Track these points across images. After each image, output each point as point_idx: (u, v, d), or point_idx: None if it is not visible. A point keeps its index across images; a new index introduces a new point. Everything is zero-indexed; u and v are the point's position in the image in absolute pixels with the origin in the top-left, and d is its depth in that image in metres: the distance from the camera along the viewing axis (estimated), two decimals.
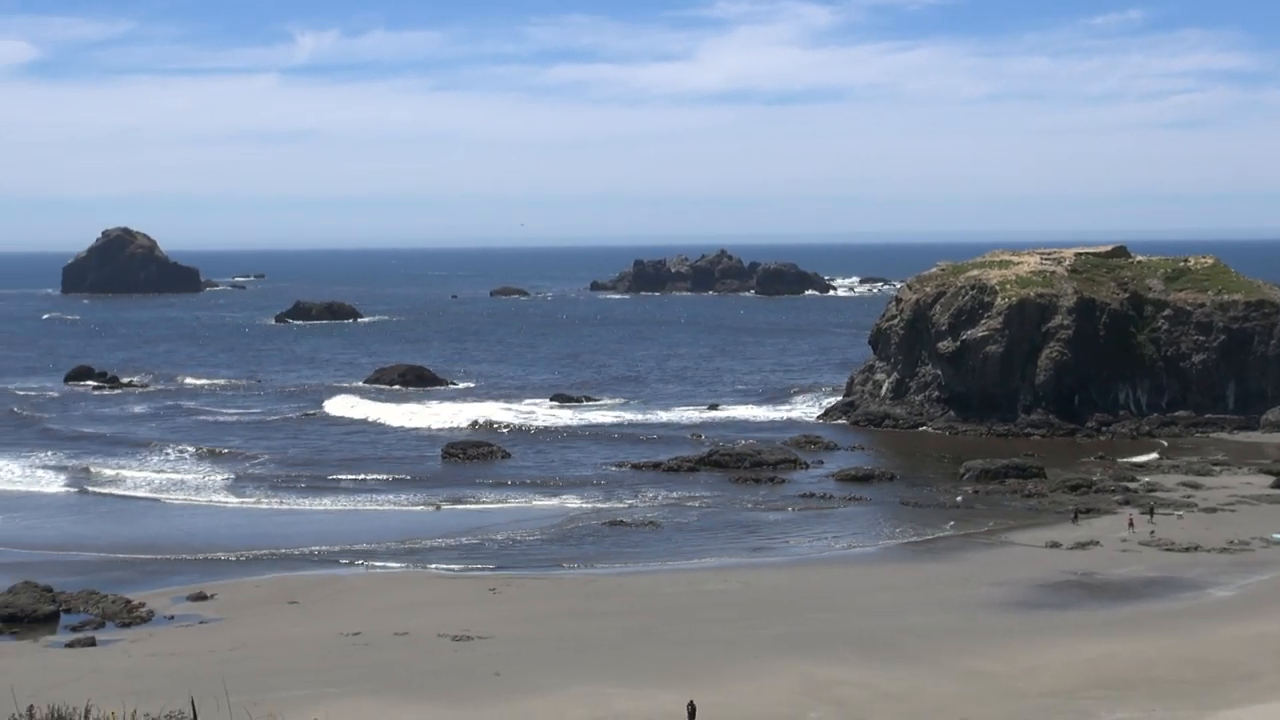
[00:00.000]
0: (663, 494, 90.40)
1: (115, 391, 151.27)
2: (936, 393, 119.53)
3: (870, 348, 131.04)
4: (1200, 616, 58.57)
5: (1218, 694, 46.20)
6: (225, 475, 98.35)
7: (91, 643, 56.50)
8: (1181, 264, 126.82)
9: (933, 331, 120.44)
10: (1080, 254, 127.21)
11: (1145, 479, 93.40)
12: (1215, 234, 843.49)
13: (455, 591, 65.20)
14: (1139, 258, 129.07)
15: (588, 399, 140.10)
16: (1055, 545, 74.00)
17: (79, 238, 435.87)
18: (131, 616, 60.46)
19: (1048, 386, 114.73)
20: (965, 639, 54.24)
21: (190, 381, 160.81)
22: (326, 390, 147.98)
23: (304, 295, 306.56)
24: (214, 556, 73.18)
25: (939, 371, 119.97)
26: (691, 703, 43.20)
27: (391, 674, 49.89)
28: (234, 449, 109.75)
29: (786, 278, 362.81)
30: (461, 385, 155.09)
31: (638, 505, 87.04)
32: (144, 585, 66.53)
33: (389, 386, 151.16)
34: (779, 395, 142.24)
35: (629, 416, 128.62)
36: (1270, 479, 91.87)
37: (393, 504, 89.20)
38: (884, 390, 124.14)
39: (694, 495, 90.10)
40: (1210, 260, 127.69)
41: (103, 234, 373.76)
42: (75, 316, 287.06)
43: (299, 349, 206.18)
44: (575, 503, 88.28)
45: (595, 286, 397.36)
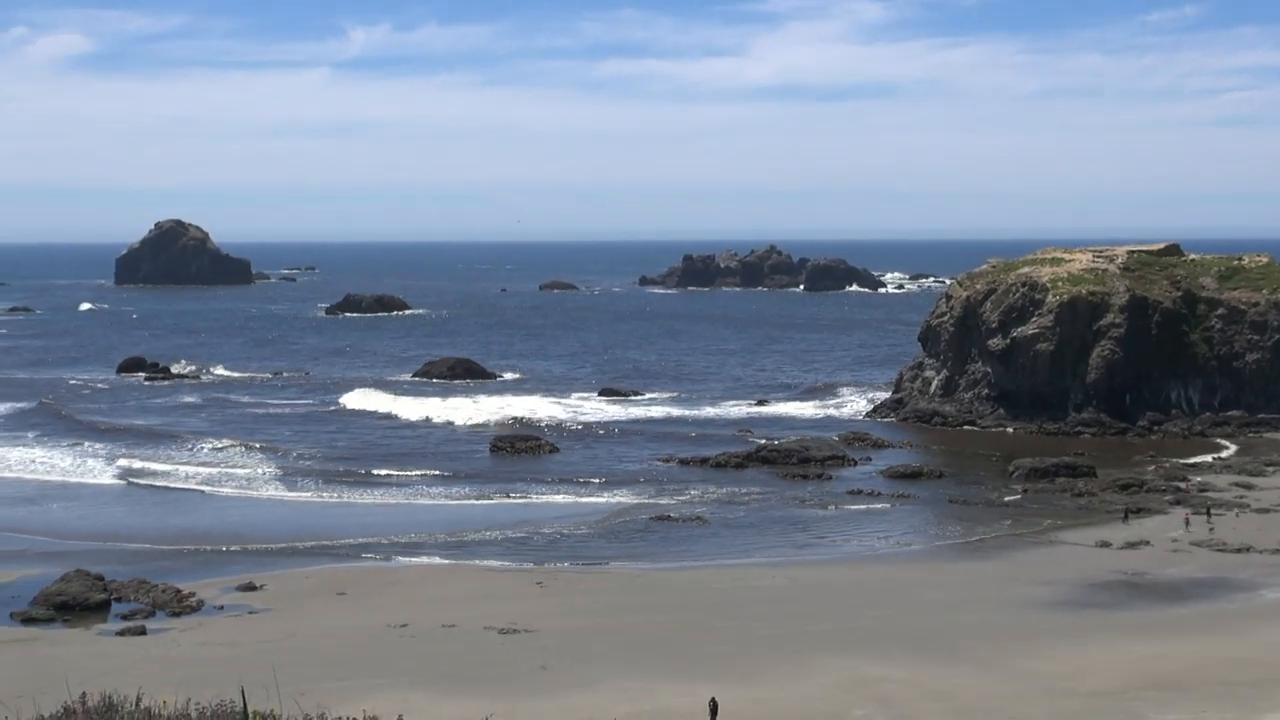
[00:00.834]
0: (710, 489, 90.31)
1: (166, 383, 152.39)
2: (986, 390, 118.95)
3: (920, 344, 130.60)
4: (1252, 618, 58.04)
5: (1269, 696, 45.76)
6: (274, 467, 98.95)
7: (142, 631, 56.91)
8: (1235, 262, 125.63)
9: (983, 329, 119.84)
10: (1133, 252, 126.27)
11: (1197, 479, 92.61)
12: (1270, 232, 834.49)
13: (502, 584, 65.35)
14: (1192, 256, 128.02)
15: (635, 393, 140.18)
16: (1105, 545, 73.50)
17: (132, 229, 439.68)
18: (181, 606, 60.88)
19: (1099, 385, 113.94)
20: (1013, 638, 53.95)
21: (240, 374, 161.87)
22: (375, 383, 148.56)
23: (354, 288, 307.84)
24: (263, 547, 73.62)
25: (989, 369, 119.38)
26: (714, 699, 43.15)
27: (439, 666, 50.07)
28: (283, 441, 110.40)
29: (836, 273, 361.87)
30: (510, 378, 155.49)
31: (685, 500, 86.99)
32: (194, 575, 66.97)
33: (438, 380, 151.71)
34: (827, 391, 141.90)
35: (677, 411, 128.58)
36: None
37: (440, 497, 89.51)
38: (933, 387, 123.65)
39: (742, 491, 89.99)
40: (1265, 259, 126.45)
41: (155, 226, 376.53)
42: (105, 306, 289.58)
43: (348, 341, 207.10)
44: (623, 497, 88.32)
45: (644, 281, 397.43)
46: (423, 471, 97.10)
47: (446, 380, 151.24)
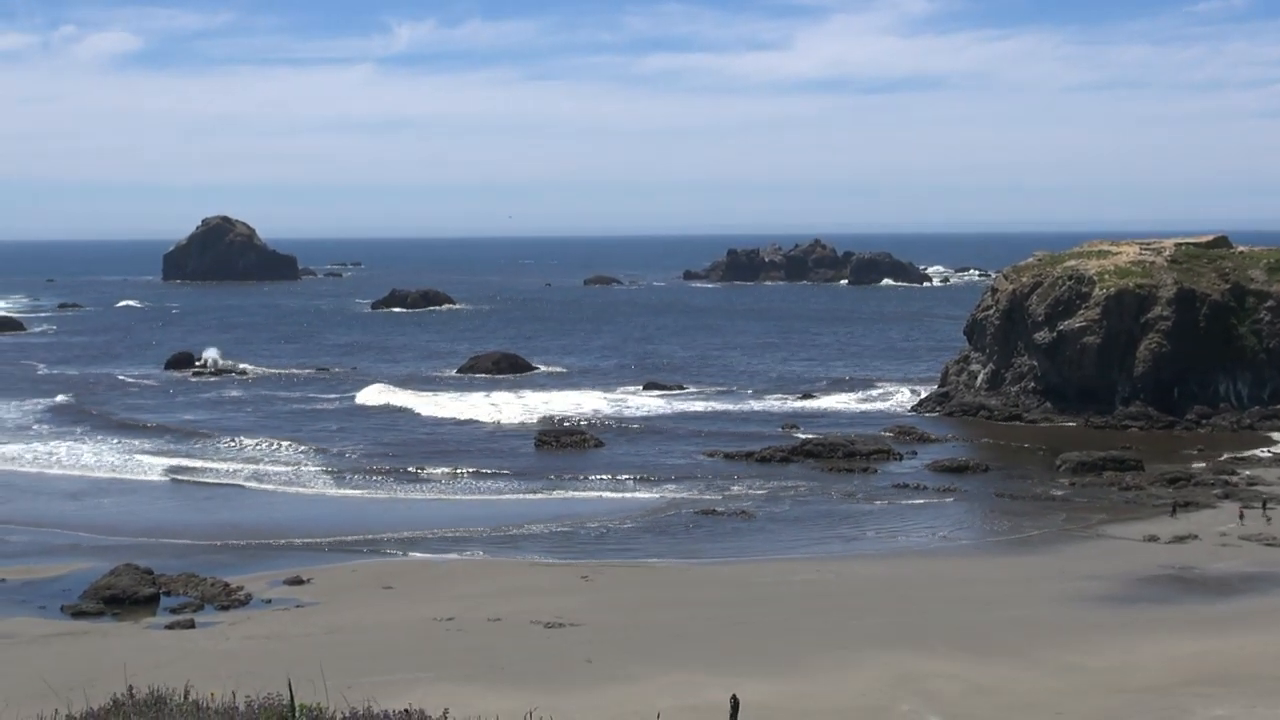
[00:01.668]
0: (755, 483, 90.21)
1: (214, 378, 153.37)
2: (1032, 384, 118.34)
3: (965, 338, 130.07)
4: None
5: None
6: (320, 462, 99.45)
7: (190, 625, 57.28)
8: None
9: (1029, 322, 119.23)
10: (1180, 244, 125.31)
11: (1246, 472, 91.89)
12: None
13: (547, 578, 65.47)
14: (1241, 248, 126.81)
15: (679, 387, 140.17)
16: (1153, 539, 73.00)
17: (179, 226, 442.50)
18: (229, 599, 61.24)
19: (1146, 378, 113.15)
20: (1060, 633, 53.65)
21: (286, 370, 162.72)
22: (420, 379, 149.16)
23: (399, 283, 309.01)
24: (310, 542, 73.98)
25: (1035, 362, 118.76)
26: (734, 696, 43.02)
27: (484, 659, 50.19)
28: (329, 436, 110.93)
29: (880, 267, 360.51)
30: (554, 372, 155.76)
31: (730, 494, 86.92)
32: (241, 569, 67.40)
33: (482, 374, 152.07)
34: (872, 385, 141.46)
35: (721, 405, 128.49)
36: None
37: (486, 491, 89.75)
38: (979, 381, 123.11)
39: (787, 485, 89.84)
40: None
41: (202, 222, 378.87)
42: (151, 302, 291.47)
43: (393, 337, 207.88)
44: (668, 492, 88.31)
45: (688, 275, 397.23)
46: (468, 466, 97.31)
47: (491, 375, 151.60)
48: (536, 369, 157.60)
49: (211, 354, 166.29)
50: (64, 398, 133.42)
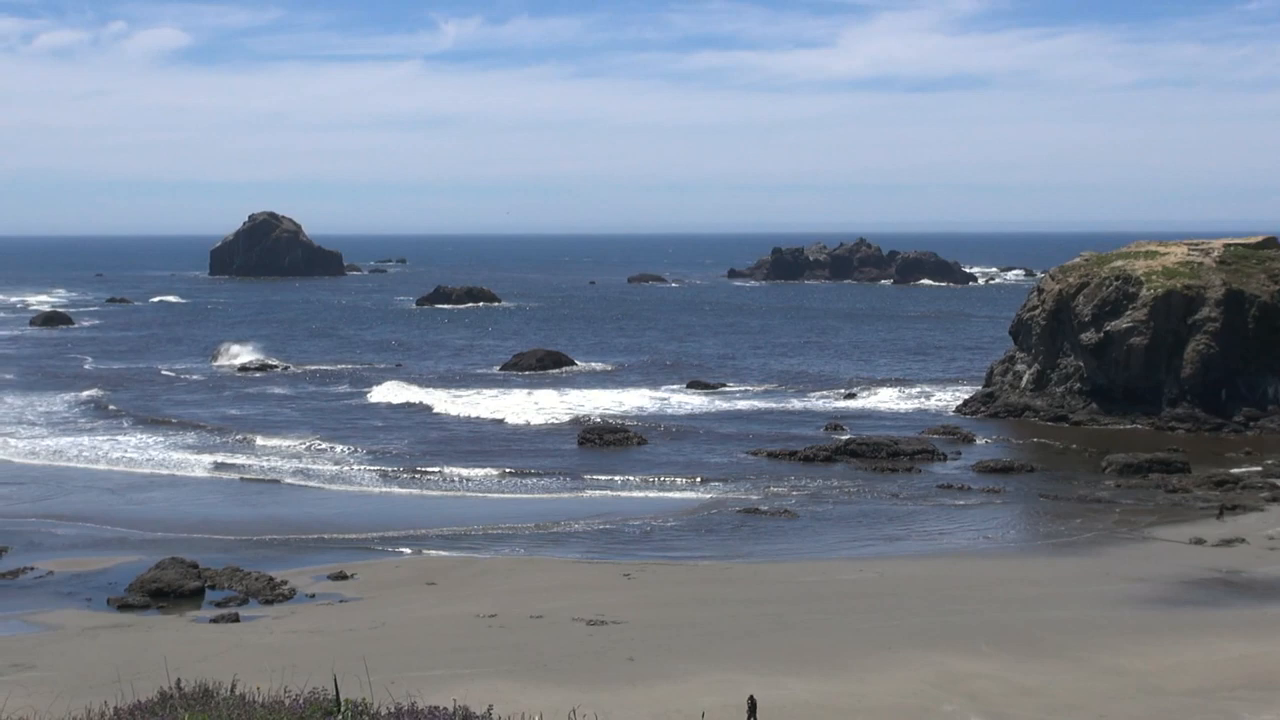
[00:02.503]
0: (799, 483, 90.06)
1: (259, 374, 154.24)
2: (1078, 385, 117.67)
3: (1010, 338, 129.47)
4: None
5: None
6: (364, 459, 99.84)
7: (235, 618, 57.61)
8: None
9: (1075, 322, 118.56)
10: (1229, 245, 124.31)
11: None
12: None
13: (590, 576, 65.52)
14: None
15: (723, 385, 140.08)
16: (1199, 541, 72.48)
17: (227, 221, 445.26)
18: (274, 594, 61.59)
19: (1194, 380, 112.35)
20: (1105, 634, 53.32)
21: (332, 366, 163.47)
22: (464, 376, 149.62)
23: (445, 280, 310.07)
24: (353, 537, 74.29)
25: (1081, 363, 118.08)
26: (751, 697, 42.98)
27: (527, 656, 50.25)
28: (373, 433, 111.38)
29: (925, 266, 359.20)
30: (598, 369, 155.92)
31: (773, 494, 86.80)
32: (285, 564, 67.77)
33: (527, 371, 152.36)
34: (917, 385, 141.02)
35: (764, 404, 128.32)
36: None
37: (529, 489, 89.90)
38: (1024, 381, 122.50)
39: (830, 484, 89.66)
40: None
41: (249, 218, 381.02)
42: (196, 298, 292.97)
43: (439, 333, 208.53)
44: (711, 490, 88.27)
45: (732, 274, 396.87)
46: (510, 464, 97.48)
47: (535, 372, 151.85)
48: (579, 366, 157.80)
49: (242, 349, 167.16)
50: (109, 392, 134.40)
